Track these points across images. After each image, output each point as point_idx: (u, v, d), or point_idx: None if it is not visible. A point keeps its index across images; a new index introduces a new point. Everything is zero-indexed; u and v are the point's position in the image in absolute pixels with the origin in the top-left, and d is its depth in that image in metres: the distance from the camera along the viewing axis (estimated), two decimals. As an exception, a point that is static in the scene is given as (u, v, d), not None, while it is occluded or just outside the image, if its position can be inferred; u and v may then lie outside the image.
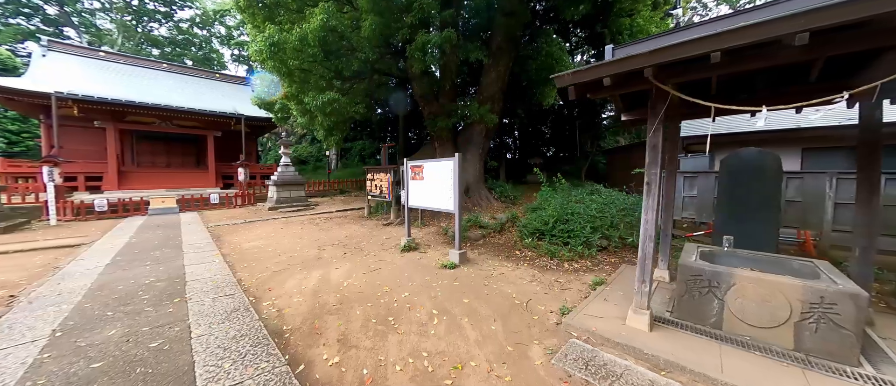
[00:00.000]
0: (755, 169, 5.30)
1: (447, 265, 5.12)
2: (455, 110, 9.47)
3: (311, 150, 25.08)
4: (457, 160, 5.09)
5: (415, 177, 6.01)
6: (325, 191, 17.48)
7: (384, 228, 8.42)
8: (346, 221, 9.82)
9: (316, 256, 6.00)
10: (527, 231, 6.45)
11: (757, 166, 5.29)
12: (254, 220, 10.16)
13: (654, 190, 3.31)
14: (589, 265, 5.48)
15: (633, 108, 4.99)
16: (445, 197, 5.38)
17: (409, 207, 6.26)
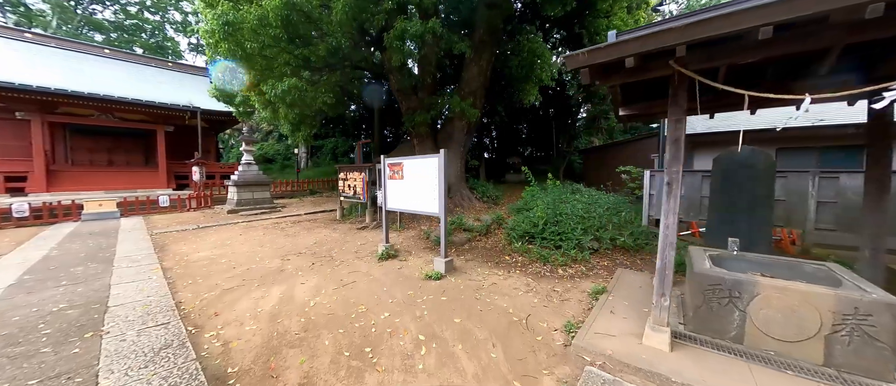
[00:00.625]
0: (748, 168, 5.13)
1: (432, 275, 4.51)
2: (435, 104, 8.86)
3: (278, 147, 23.49)
4: (442, 157, 4.50)
5: (393, 176, 5.35)
6: (294, 191, 16.28)
7: (359, 233, 7.67)
8: (316, 224, 8.94)
9: (278, 267, 5.19)
10: (516, 234, 5.98)
11: (750, 165, 5.12)
12: (209, 225, 9.03)
13: (675, 190, 2.90)
14: (583, 270, 5.09)
15: (632, 101, 4.64)
16: (429, 198, 4.78)
17: (387, 209, 5.59)
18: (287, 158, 22.62)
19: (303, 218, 10.13)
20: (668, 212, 2.90)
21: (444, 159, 4.49)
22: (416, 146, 9.97)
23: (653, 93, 4.56)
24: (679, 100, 2.81)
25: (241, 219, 10.02)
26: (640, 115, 5.02)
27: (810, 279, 3.26)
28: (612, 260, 5.61)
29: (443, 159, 4.49)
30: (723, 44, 2.44)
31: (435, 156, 4.62)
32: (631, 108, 4.64)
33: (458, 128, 9.69)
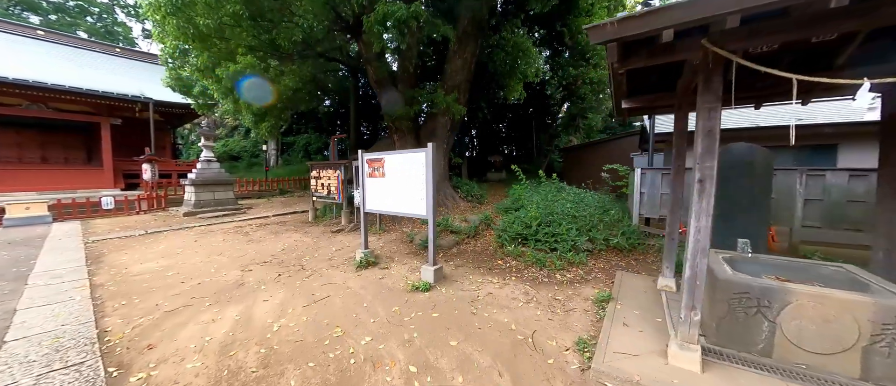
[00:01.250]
0: (745, 165, 4.91)
1: (420, 287, 3.95)
2: (417, 98, 8.26)
3: (245, 144, 21.91)
4: (431, 152, 3.95)
5: (373, 173, 4.73)
6: (262, 191, 15.09)
7: (333, 237, 6.95)
8: (286, 228, 8.10)
9: (237, 280, 4.44)
10: (507, 236, 5.53)
11: (747, 162, 4.91)
12: (160, 230, 7.96)
13: (708, 188, 2.51)
14: (581, 274, 4.72)
15: (638, 92, 4.29)
16: (415, 198, 4.21)
17: (365, 211, 4.96)
18: (255, 156, 21.13)
19: (270, 220, 9.22)
20: (701, 213, 2.51)
21: (432, 155, 3.94)
22: (396, 142, 9.33)
23: (660, 83, 4.25)
24: (713, 85, 2.42)
25: (199, 222, 8.96)
26: (645, 108, 4.71)
27: (831, 282, 3.02)
28: (607, 261, 5.30)
29: (431, 155, 3.94)
30: (778, 17, 2.06)
31: (422, 150, 4.06)
32: (635, 100, 4.31)
33: (442, 124, 9.15)
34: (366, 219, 4.99)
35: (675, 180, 4.25)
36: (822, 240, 6.13)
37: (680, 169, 4.24)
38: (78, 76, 13.17)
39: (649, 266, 5.28)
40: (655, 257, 5.71)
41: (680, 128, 4.20)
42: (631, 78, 3.88)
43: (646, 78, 4.07)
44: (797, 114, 7.96)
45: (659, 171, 6.71)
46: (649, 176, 6.73)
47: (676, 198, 4.27)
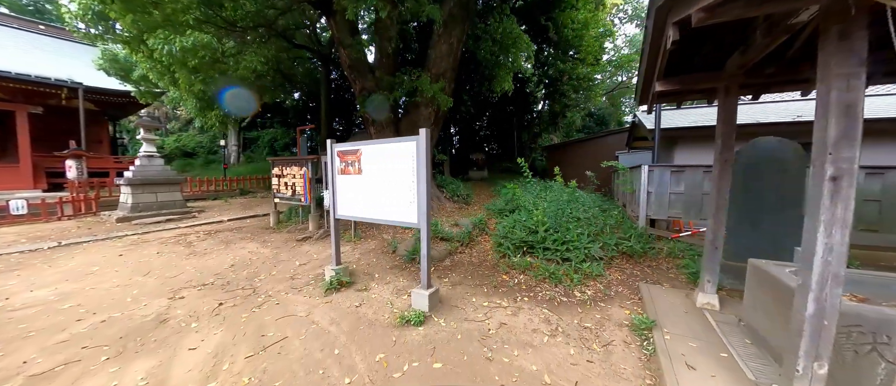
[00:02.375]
0: (774, 161, 4.39)
1: (411, 319, 2.98)
2: (398, 84, 7.22)
3: (201, 139, 19.73)
4: (424, 140, 3.00)
5: (346, 169, 3.70)
6: (219, 192, 13.40)
7: (298, 247, 5.80)
8: (241, 235, 6.82)
9: (159, 315, 3.27)
10: (510, 244, 4.68)
11: (777, 158, 4.39)
12: (80, 240, 6.43)
13: (846, 189, 1.75)
14: (602, 289, 3.96)
15: (677, 72, 3.56)
16: (402, 202, 3.24)
17: (336, 217, 3.90)
18: (212, 152, 19.07)
19: (224, 226, 7.85)
20: (833, 224, 1.74)
21: (426, 143, 2.99)
22: (373, 136, 8.24)
23: (705, 60, 3.54)
24: (854, 43, 1.65)
25: (134, 230, 7.44)
26: (681, 92, 3.99)
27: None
28: (620, 270, 4.61)
29: (425, 144, 2.99)
30: None
31: (411, 139, 3.09)
32: (671, 82, 3.57)
33: (425, 116, 8.17)
34: (337, 227, 3.94)
35: (721, 179, 3.56)
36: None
37: (725, 165, 3.55)
38: (-17, 54, 10.97)
39: (666, 274, 4.65)
40: (669, 263, 5.10)
41: (727, 114, 3.51)
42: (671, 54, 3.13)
43: (690, 53, 3.34)
44: (798, 111, 7.75)
45: (668, 168, 6.14)
46: (657, 173, 6.14)
47: (721, 200, 3.58)
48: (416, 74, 7.24)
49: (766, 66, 3.34)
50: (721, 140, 3.54)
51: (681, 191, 6.06)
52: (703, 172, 5.91)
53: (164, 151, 18.91)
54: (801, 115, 7.24)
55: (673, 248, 5.66)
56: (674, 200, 6.11)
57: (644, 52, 3.47)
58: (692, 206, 6.01)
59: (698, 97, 4.14)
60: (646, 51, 3.43)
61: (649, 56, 3.45)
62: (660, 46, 3.16)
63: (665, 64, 3.27)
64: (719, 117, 3.56)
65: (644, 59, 3.54)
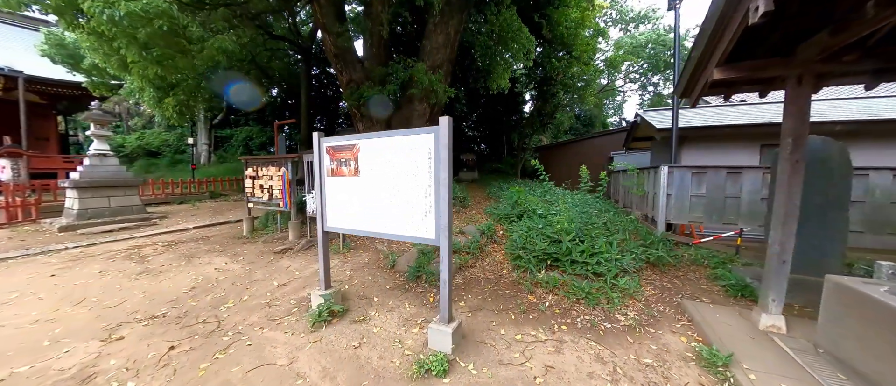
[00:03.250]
0: (818, 163, 3.94)
1: (432, 367, 2.24)
2: (392, 76, 6.45)
3: (167, 137, 18.11)
4: (446, 131, 2.29)
5: (338, 170, 2.93)
6: (186, 195, 12.13)
7: (276, 261, 4.94)
8: (208, 246, 5.86)
9: (81, 369, 2.39)
10: (532, 257, 4.02)
11: (821, 159, 3.97)
12: (4, 256, 5.30)
13: None
14: (643, 309, 3.40)
15: (744, 55, 3.01)
16: (415, 212, 2.51)
17: (325, 229, 3.11)
18: (180, 151, 17.52)
19: (189, 235, 6.82)
20: None
21: (448, 136, 2.28)
22: (361, 133, 7.42)
23: (778, 45, 3.02)
24: None
25: (78, 241, 6.30)
26: (737, 83, 3.47)
27: None
28: (649, 283, 4.11)
29: (446, 136, 2.28)
30: None
31: (428, 131, 2.38)
32: (732, 69, 3.02)
33: (420, 112, 7.44)
34: (326, 243, 3.15)
35: (791, 184, 3.03)
36: (860, 245, 5.41)
37: (797, 167, 3.02)
38: None
39: (698, 285, 4.22)
40: (697, 273, 4.64)
41: (799, 108, 2.99)
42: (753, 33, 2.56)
43: (754, 38, 2.80)
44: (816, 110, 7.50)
45: (689, 169, 5.68)
46: (677, 175, 5.67)
47: (791, 207, 3.06)
48: (411, 63, 6.49)
49: (844, 53, 2.86)
50: (791, 138, 3.02)
51: (702, 194, 5.62)
52: (727, 174, 5.49)
53: (125, 150, 17.20)
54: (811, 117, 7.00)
55: (695, 255, 5.21)
56: (694, 203, 5.66)
57: (704, 31, 2.91)
58: (714, 210, 5.57)
59: (753, 89, 3.63)
60: (707, 30, 2.87)
61: (710, 36, 2.89)
62: (731, 22, 2.59)
63: (732, 46, 2.71)
64: (788, 111, 3.04)
65: (701, 42, 2.99)
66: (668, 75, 27.35)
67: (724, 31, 2.70)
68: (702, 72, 3.25)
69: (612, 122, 31.16)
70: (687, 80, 3.48)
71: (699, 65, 3.22)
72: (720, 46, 2.83)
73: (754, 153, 7.79)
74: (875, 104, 7.71)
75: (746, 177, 5.45)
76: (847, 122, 6.60)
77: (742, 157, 7.47)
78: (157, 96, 5.75)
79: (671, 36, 24.74)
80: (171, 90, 5.39)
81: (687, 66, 3.40)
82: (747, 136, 7.46)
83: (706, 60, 3.10)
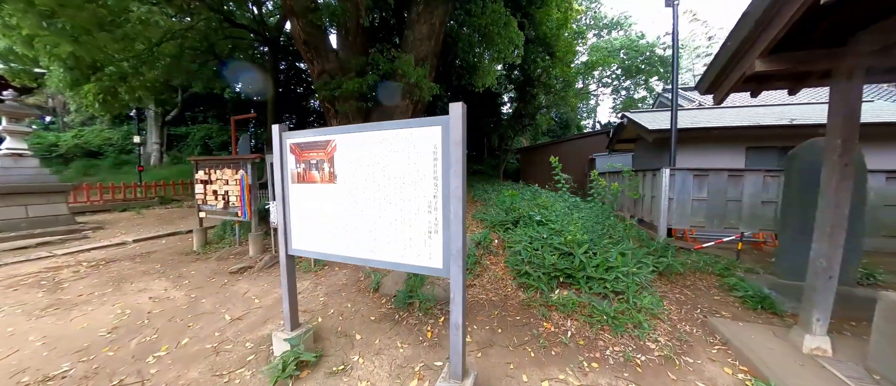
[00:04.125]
0: None
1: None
2: (372, 66, 5.72)
3: (110, 135, 16.08)
4: (460, 122, 1.66)
5: (308, 175, 2.20)
6: (129, 201, 10.64)
7: (232, 284, 4.07)
8: (147, 266, 4.85)
9: None
10: (541, 274, 3.47)
11: None
12: None
13: None
14: (671, 331, 2.96)
15: (784, 48, 2.60)
16: (416, 232, 1.86)
17: (291, 252, 2.36)
18: (126, 151, 15.61)
19: (126, 252, 5.71)
20: None
21: (461, 129, 1.65)
22: (336, 131, 6.60)
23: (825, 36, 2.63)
24: None
25: (-28, 263, 5.04)
26: (780, 76, 3.09)
27: None
28: (663, 296, 3.76)
29: (460, 130, 1.65)
30: None
31: (433, 122, 1.74)
32: (776, 60, 2.62)
33: (402, 108, 6.73)
34: (291, 269, 2.40)
35: (840, 191, 2.66)
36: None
37: (846, 171, 2.65)
38: None
39: (711, 297, 3.83)
40: (706, 282, 4.35)
41: (849, 105, 2.63)
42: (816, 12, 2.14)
43: (809, 26, 2.40)
44: (788, 113, 7.61)
45: (690, 172, 5.40)
46: (679, 178, 5.37)
47: (839, 217, 2.69)
48: (396, 54, 5.79)
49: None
50: (841, 140, 2.65)
51: (704, 197, 5.36)
52: (729, 177, 5.26)
53: (58, 150, 15.07)
54: (794, 120, 7.02)
55: (697, 261, 4.94)
56: (696, 207, 5.39)
57: (747, 16, 2.49)
58: (715, 214, 5.33)
59: (784, 84, 3.27)
60: (752, 14, 2.44)
61: (757, 21, 2.46)
62: (789, 3, 2.15)
63: (784, 33, 2.29)
64: (837, 109, 2.67)
65: (742, 29, 2.58)
66: (638, 81, 28.31)
67: (778, 15, 2.28)
68: (737, 64, 2.84)
69: (586, 126, 31.84)
70: (717, 74, 3.07)
71: (735, 56, 2.80)
72: (768, 33, 2.42)
73: (740, 155, 7.76)
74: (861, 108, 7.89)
75: (748, 179, 5.25)
76: (830, 125, 6.61)
77: (728, 160, 7.40)
78: (69, 79, 4.62)
79: (643, 42, 25.57)
80: (93, 70, 4.35)
81: (718, 58, 3.00)
82: (735, 139, 7.40)
83: (746, 50, 2.68)
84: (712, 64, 3.11)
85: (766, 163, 7.39)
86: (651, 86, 27.23)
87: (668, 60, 25.43)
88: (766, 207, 5.22)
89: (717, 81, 3.13)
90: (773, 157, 7.58)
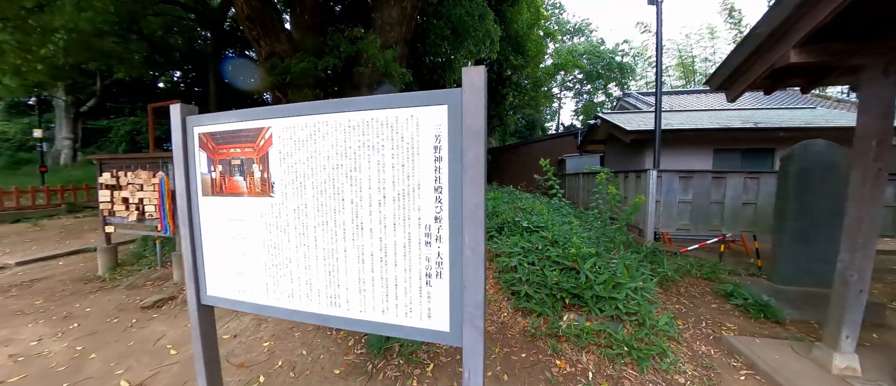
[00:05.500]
0: (825, 168, 3.70)
1: None
2: (336, 46, 4.84)
3: (5, 128, 13.30)
4: (480, 95, 0.99)
5: (226, 183, 1.41)
6: (25, 209, 8.66)
7: (143, 325, 3.06)
8: (23, 302, 3.62)
9: None
10: (545, 296, 2.91)
11: (827, 165, 3.71)
12: None
13: None
14: (689, 355, 2.67)
15: (821, 39, 2.25)
16: (403, 275, 1.16)
17: (206, 302, 1.54)
18: (26, 147, 12.95)
19: (2, 280, 4.34)
20: None
21: (483, 105, 0.99)
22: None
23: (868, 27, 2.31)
24: None
25: None
26: (807, 71, 2.76)
27: None
28: (663, 307, 3.42)
29: (482, 105, 0.99)
30: None
31: (437, 97, 1.06)
32: (812, 51, 2.27)
33: (367, 99, 5.91)
34: (207, 327, 1.58)
35: (873, 197, 2.38)
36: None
37: (880, 175, 2.37)
38: None
39: (709, 305, 3.64)
40: (698, 288, 4.15)
41: (882, 103, 2.34)
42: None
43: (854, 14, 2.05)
44: (752, 117, 7.85)
45: (676, 173, 5.19)
46: (665, 180, 5.14)
47: (870, 223, 2.40)
48: (360, 35, 4.97)
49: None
50: (875, 141, 2.36)
51: (689, 199, 5.18)
52: (712, 179, 5.13)
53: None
54: (758, 123, 7.22)
55: (683, 265, 4.78)
56: (682, 209, 5.20)
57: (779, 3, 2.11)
58: (700, 216, 5.17)
59: (801, 82, 2.98)
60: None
61: (799, 4, 2.07)
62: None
63: (833, 16, 1.91)
64: (869, 108, 2.39)
65: (778, 15, 2.20)
66: (598, 85, 29.49)
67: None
68: (766, 54, 2.47)
69: (549, 127, 32.63)
70: (736, 67, 2.71)
71: (764, 45, 2.43)
72: (811, 18, 2.05)
73: (708, 157, 7.91)
74: (810, 114, 8.35)
75: (730, 181, 5.15)
76: (791, 130, 6.87)
77: (698, 161, 7.49)
78: None
79: (603, 48, 26.61)
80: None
81: (740, 49, 2.65)
82: (704, 141, 7.49)
83: (779, 37, 2.31)
84: (731, 57, 2.76)
85: (732, 164, 7.57)
86: (610, 91, 28.46)
87: (626, 67, 26.71)
88: (746, 208, 5.18)
89: (735, 76, 2.78)
90: (738, 159, 7.81)
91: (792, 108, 8.72)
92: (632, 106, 12.33)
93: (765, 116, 7.79)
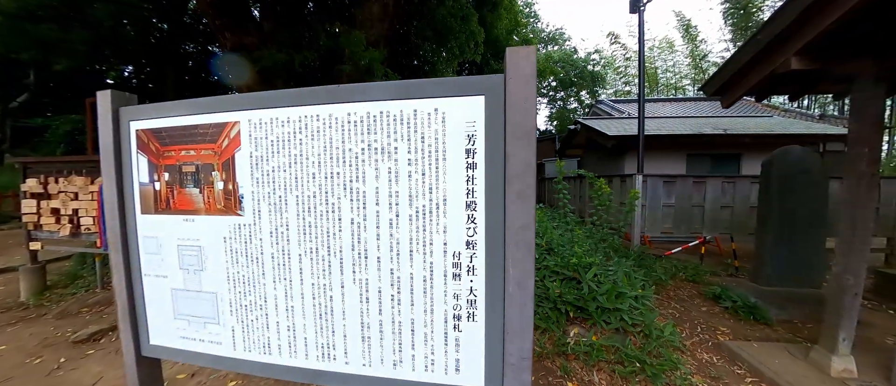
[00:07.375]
0: (802, 173, 3.81)
1: None
2: (308, 42, 4.44)
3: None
4: (527, 79, 0.74)
5: (177, 197, 1.07)
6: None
7: (74, 360, 2.52)
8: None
9: None
10: (550, 312, 2.71)
11: (804, 169, 3.81)
12: None
13: None
14: (696, 366, 2.57)
15: (820, 49, 2.22)
16: (423, 317, 0.88)
17: (145, 353, 1.17)
18: (-61, 150, 11.19)
19: None
20: None
21: (531, 97, 0.74)
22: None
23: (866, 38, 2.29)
24: None
25: None
26: (799, 78, 2.73)
27: None
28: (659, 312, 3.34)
29: (531, 97, 0.73)
30: None
31: (472, 87, 0.79)
32: (813, 58, 2.25)
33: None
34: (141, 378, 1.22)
35: (868, 202, 2.39)
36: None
37: (873, 181, 2.37)
38: None
39: (699, 308, 3.64)
40: (683, 290, 4.14)
41: (875, 111, 2.36)
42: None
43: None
44: (719, 124, 8.20)
45: (660, 178, 5.23)
46: (650, 184, 5.16)
47: (864, 227, 2.41)
48: (343, 29, 4.60)
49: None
50: (867, 148, 2.37)
51: (672, 203, 5.24)
52: (693, 183, 5.22)
53: None
54: (727, 129, 7.55)
55: (669, 268, 4.84)
56: (666, 213, 5.25)
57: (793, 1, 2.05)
58: (682, 219, 5.24)
59: (791, 89, 2.99)
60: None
61: (806, 8, 2.02)
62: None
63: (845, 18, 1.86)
64: (862, 115, 2.42)
65: (783, 18, 2.15)
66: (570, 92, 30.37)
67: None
68: (765, 61, 2.44)
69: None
70: (733, 74, 2.68)
71: (764, 52, 2.40)
72: (816, 24, 2.01)
73: (682, 161, 8.17)
74: (768, 122, 8.85)
75: (710, 185, 5.27)
76: (755, 136, 7.22)
77: (672, 166, 7.71)
78: None
79: (576, 57, 27.43)
80: None
81: (740, 55, 2.62)
82: (678, 146, 7.73)
83: (781, 43, 2.27)
84: (728, 63, 2.73)
85: (702, 168, 7.85)
86: (581, 98, 29.37)
87: (598, 76, 27.67)
88: (724, 211, 5.32)
89: (732, 82, 2.75)
90: (707, 163, 8.13)
91: (753, 117, 9.25)
92: (604, 112, 12.69)
93: (729, 123, 8.18)
